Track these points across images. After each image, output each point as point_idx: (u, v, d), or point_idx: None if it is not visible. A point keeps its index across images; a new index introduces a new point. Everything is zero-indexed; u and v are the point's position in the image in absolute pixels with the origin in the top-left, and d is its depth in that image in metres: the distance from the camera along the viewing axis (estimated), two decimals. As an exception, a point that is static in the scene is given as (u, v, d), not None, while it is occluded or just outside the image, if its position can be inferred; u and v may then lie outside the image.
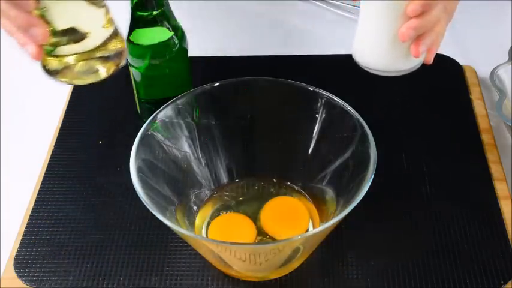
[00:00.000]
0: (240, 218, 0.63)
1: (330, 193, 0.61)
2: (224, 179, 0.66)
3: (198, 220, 0.63)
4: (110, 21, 0.54)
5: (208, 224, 0.63)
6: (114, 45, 0.53)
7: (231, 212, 0.64)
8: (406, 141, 0.71)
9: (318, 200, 0.63)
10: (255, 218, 0.62)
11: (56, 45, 0.52)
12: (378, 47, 0.56)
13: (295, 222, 0.62)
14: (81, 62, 0.51)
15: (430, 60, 0.58)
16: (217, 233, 0.61)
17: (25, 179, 0.70)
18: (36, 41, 0.51)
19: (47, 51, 0.53)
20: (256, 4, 0.94)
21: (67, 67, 0.52)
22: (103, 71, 0.52)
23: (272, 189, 0.66)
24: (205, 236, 0.61)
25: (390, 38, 0.55)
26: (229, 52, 0.81)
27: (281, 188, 0.66)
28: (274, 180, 0.66)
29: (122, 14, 0.61)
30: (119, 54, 0.53)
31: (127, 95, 0.74)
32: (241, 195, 0.65)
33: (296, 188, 0.65)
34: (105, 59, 0.52)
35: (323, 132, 0.62)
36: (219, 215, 0.63)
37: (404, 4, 0.52)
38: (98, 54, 0.52)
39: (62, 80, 0.52)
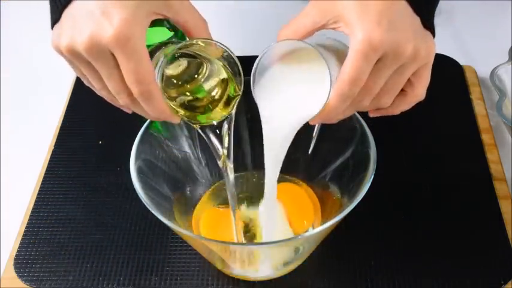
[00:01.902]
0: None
1: (334, 191, 0.61)
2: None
3: (196, 218, 0.63)
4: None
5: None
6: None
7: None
8: (406, 141, 0.71)
9: (322, 194, 0.63)
10: (255, 217, 0.62)
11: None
12: None
13: (298, 215, 0.62)
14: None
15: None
16: (208, 228, 0.61)
17: (25, 179, 0.70)
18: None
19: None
20: (256, 4, 0.93)
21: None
22: (226, 111, 0.53)
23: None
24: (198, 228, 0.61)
25: None
26: (229, 52, 0.81)
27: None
28: (275, 180, 0.66)
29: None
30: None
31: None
32: (241, 194, 0.65)
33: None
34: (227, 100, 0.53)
35: (323, 132, 0.62)
36: (218, 214, 0.63)
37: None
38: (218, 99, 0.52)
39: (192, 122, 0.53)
